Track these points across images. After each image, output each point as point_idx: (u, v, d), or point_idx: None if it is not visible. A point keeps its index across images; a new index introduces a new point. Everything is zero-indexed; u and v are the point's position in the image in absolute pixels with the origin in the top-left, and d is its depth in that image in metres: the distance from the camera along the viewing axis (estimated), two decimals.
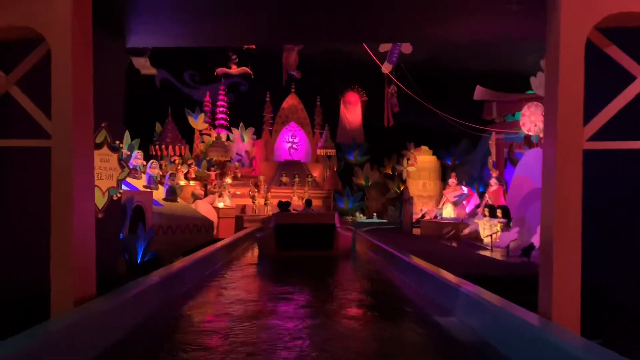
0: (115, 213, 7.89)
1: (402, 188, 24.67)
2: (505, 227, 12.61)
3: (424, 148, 25.69)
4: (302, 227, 10.90)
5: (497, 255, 11.20)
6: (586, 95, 4.57)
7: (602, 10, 4.54)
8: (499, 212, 13.04)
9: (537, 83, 16.09)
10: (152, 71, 21.84)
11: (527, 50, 20.35)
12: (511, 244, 11.23)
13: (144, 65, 20.85)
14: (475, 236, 14.49)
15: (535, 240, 10.49)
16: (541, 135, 14.36)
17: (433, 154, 25.90)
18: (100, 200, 7.04)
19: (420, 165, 25.09)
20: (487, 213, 13.73)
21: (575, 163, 4.53)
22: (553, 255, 4.51)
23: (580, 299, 4.44)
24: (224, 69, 24.05)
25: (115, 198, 7.40)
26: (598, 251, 6.09)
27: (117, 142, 7.56)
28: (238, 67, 24.21)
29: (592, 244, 5.07)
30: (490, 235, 12.49)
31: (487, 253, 11.56)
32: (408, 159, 25.07)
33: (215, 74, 24.12)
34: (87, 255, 5.06)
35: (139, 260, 9.40)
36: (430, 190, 25.04)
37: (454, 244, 13.80)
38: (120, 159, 7.53)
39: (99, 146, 7.10)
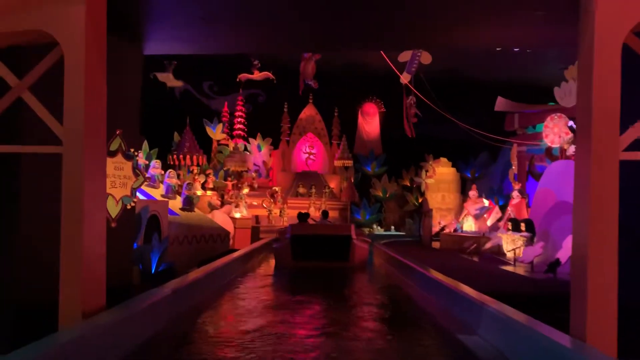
0: (129, 222, 7.77)
1: (420, 200, 24.30)
2: (529, 242, 12.22)
3: (443, 160, 25.30)
4: (318, 238, 10.76)
5: (521, 270, 10.83)
6: (622, 102, 4.31)
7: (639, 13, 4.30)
8: (522, 226, 12.66)
9: (561, 94, 15.71)
10: (178, 83, 22.10)
11: (549, 61, 19.98)
12: (535, 259, 10.86)
13: (168, 78, 21.16)
14: (497, 250, 14.09)
15: (561, 255, 10.12)
16: (565, 146, 13.98)
17: (452, 166, 25.50)
18: (114, 209, 6.93)
19: (439, 177, 24.68)
20: (510, 227, 13.35)
21: (611, 174, 4.27)
22: (587, 272, 4.24)
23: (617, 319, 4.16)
24: (247, 75, 24.10)
25: (129, 207, 7.29)
26: (635, 267, 5.76)
27: (132, 150, 7.46)
28: (260, 72, 24.22)
29: (629, 260, 4.77)
30: (514, 250, 12.11)
31: (510, 268, 11.19)
32: (427, 171, 24.71)
33: (237, 79, 24.18)
34: (98, 266, 4.93)
35: (153, 271, 9.28)
36: (449, 203, 24.61)
37: (476, 259, 13.42)
38: (135, 167, 7.43)
39: (113, 154, 7.00)
